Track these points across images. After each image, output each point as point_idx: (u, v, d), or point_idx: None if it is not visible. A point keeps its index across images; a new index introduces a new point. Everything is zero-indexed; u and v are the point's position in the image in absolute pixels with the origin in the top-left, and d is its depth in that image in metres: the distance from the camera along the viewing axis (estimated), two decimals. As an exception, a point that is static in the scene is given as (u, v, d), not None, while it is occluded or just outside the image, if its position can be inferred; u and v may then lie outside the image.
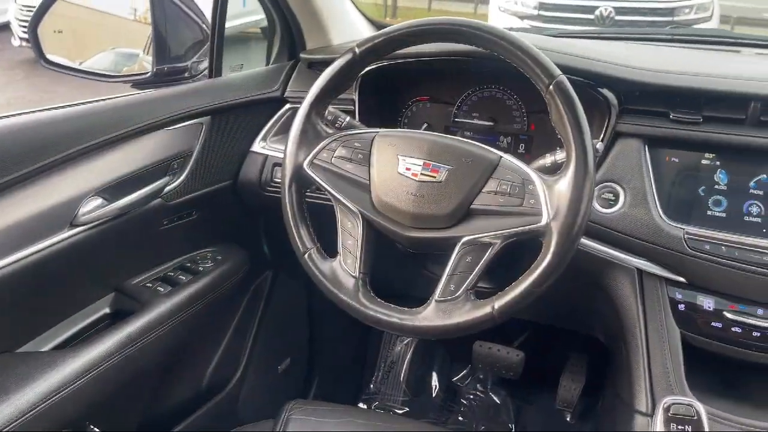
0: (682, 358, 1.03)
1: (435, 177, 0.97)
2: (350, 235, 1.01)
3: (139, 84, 1.41)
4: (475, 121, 1.34)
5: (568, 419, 1.83)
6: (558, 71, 0.92)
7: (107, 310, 1.18)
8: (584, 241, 1.10)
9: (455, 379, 1.97)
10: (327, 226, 1.04)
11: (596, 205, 1.10)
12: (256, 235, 1.49)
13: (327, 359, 1.85)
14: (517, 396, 1.92)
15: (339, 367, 1.92)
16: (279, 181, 1.07)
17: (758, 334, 1.01)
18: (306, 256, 1.02)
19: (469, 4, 9.75)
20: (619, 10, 6.00)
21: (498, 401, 1.91)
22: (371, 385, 1.94)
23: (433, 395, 1.94)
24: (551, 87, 0.91)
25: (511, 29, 1.04)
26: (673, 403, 0.83)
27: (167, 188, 1.21)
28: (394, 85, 1.37)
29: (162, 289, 1.20)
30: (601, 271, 1.10)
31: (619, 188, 1.10)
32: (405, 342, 1.97)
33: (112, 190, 1.10)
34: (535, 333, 1.86)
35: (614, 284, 1.09)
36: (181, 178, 1.23)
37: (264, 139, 1.39)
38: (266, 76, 1.43)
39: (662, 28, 4.26)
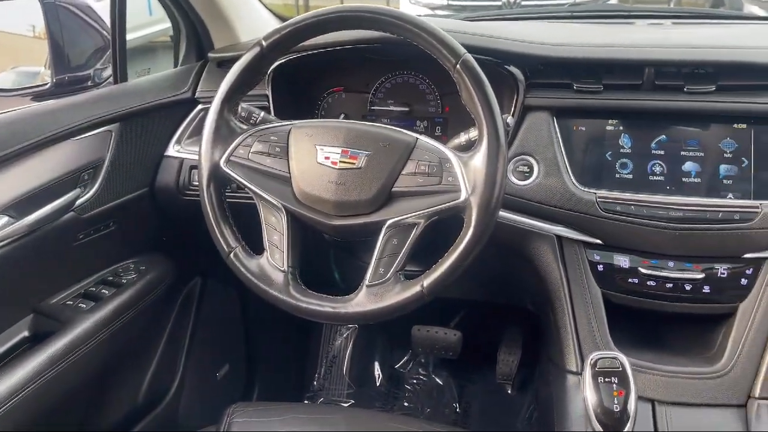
0: (605, 316, 1.08)
1: (354, 164, 0.97)
2: (275, 229, 1.00)
3: (39, 96, 1.35)
4: (391, 108, 1.35)
5: (509, 392, 1.89)
6: (463, 50, 0.95)
7: (26, 333, 1.12)
8: (504, 213, 1.13)
9: (397, 366, 1.99)
10: (251, 224, 1.03)
11: (513, 178, 1.14)
12: (179, 241, 1.45)
13: (267, 361, 1.83)
14: (458, 375, 1.96)
15: (280, 368, 1.90)
16: (197, 184, 1.05)
17: (671, 285, 1.07)
18: (231, 255, 1.00)
19: (381, -2, 9.82)
20: (526, -5, 6.25)
21: (441, 382, 1.94)
22: (314, 382, 1.94)
23: (377, 384, 1.95)
24: (458, 66, 0.93)
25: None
26: (599, 358, 0.86)
27: (79, 201, 1.16)
28: (307, 77, 1.36)
29: (84, 306, 1.16)
30: (522, 241, 1.14)
31: (532, 160, 1.14)
32: (345, 335, 1.98)
33: (19, 206, 1.04)
34: (471, 311, 1.91)
35: (536, 252, 1.13)
36: (94, 189, 1.19)
37: (178, 142, 1.36)
38: (175, 78, 1.40)
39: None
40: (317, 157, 0.99)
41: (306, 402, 1.88)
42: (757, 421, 0.96)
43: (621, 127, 1.12)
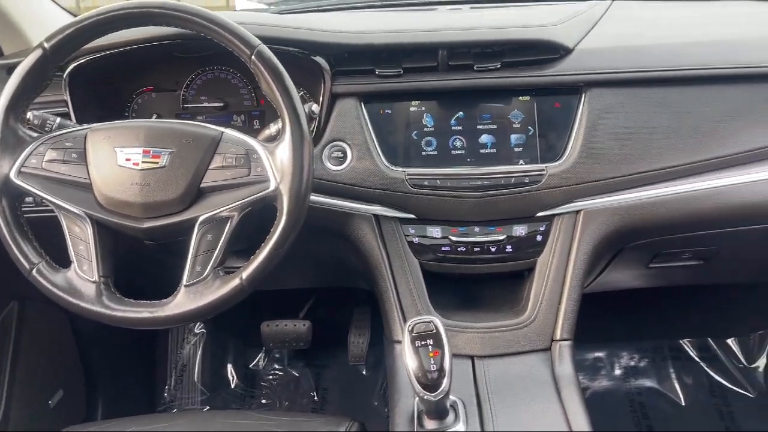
0: (425, 285, 1.15)
1: (157, 163, 0.96)
2: (81, 240, 0.96)
3: None
4: (205, 104, 1.33)
5: (363, 372, 1.95)
6: (257, 41, 0.96)
7: None
8: (323, 198, 1.16)
9: (252, 364, 1.98)
10: (57, 237, 0.97)
11: (328, 164, 1.17)
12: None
13: (110, 379, 1.74)
14: (314, 364, 1.99)
15: (126, 384, 1.81)
16: None
17: (478, 249, 1.16)
18: (34, 272, 0.95)
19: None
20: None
21: (297, 374, 1.97)
22: (165, 394, 1.87)
23: (232, 386, 1.93)
24: (253, 57, 0.95)
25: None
26: (416, 324, 0.91)
27: None
28: (112, 78, 1.30)
29: None
30: (344, 223, 1.18)
31: (345, 145, 1.18)
32: (193, 342, 1.93)
33: None
34: (319, 299, 1.93)
35: (357, 233, 1.18)
36: None
37: None
38: None
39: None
40: (117, 159, 0.96)
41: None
42: (560, 359, 1.07)
43: (423, 108, 1.19)
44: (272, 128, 1.09)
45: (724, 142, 1.15)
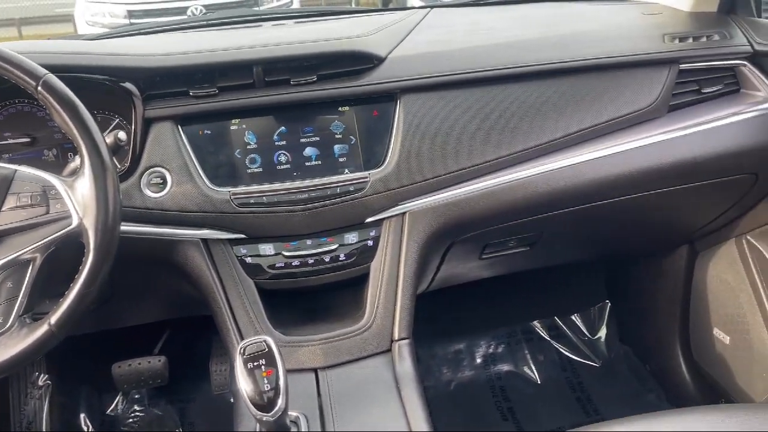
0: (263, 304, 1.14)
1: None
2: None
3: None
4: (10, 141, 1.23)
5: (231, 400, 1.89)
6: (43, 71, 0.90)
7: None
8: (146, 228, 1.12)
9: (109, 410, 1.86)
10: None
11: (148, 192, 1.13)
12: None
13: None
14: (177, 399, 1.90)
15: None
16: None
17: (312, 261, 1.17)
18: None
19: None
20: (209, 7, 6.30)
21: (160, 413, 1.87)
22: (9, 458, 1.71)
23: (89, 437, 1.80)
24: (39, 88, 0.90)
25: None
26: (247, 345, 0.89)
27: None
28: None
29: None
30: (170, 251, 1.14)
31: (164, 171, 1.14)
32: (37, 396, 1.77)
33: None
34: (174, 332, 1.86)
35: (185, 260, 1.14)
36: None
37: None
38: None
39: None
40: None
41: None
42: (400, 358, 1.10)
43: (244, 126, 1.18)
44: (77, 161, 1.03)
45: (528, 135, 1.23)
